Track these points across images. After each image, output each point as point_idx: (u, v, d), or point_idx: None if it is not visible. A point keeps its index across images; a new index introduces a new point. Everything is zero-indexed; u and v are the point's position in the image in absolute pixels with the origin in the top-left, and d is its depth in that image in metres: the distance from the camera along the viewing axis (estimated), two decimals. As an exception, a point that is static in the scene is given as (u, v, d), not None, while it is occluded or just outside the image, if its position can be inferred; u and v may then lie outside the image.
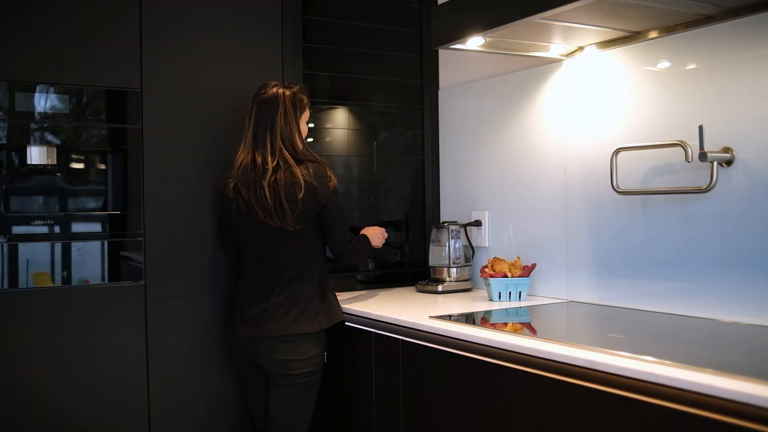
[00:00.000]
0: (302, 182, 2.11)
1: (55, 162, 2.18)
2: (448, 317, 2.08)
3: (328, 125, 2.94)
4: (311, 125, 2.87)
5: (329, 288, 2.27)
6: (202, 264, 2.39)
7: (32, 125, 2.17)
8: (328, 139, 3.00)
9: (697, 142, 1.85)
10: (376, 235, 2.49)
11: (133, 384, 2.27)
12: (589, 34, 2.13)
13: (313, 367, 2.19)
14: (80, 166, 2.25)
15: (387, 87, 3.02)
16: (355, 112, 3.15)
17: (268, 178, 2.11)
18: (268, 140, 2.15)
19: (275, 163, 2.13)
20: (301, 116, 2.23)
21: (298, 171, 2.12)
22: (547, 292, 2.44)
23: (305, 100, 2.26)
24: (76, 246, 2.23)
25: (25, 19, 2.12)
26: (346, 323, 2.31)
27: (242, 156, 2.17)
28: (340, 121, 3.05)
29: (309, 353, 2.17)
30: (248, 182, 2.14)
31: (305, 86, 2.35)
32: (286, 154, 2.14)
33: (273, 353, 2.17)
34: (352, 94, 2.89)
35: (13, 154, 2.14)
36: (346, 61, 2.85)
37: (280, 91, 2.19)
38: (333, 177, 2.19)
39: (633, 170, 2.12)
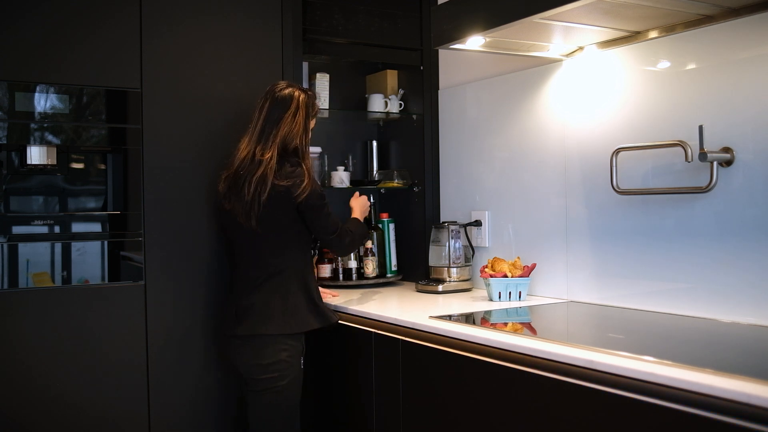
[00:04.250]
0: (268, 184, 2.10)
1: (55, 162, 2.19)
2: (448, 317, 2.08)
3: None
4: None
5: (305, 293, 2.21)
6: (202, 264, 2.39)
7: (32, 125, 2.17)
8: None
9: (697, 142, 1.85)
10: (362, 206, 2.53)
11: (133, 384, 2.27)
12: (589, 34, 2.13)
13: (276, 374, 2.14)
14: (80, 166, 2.25)
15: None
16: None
17: (258, 174, 2.11)
18: (271, 136, 2.17)
19: (269, 155, 2.14)
20: (311, 120, 2.26)
21: (271, 173, 2.11)
22: (547, 292, 2.44)
23: (317, 107, 2.29)
24: (76, 246, 2.23)
25: (25, 19, 2.12)
26: (347, 323, 2.31)
27: (245, 150, 2.18)
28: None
29: (272, 358, 2.14)
30: (243, 176, 2.14)
31: (315, 93, 2.37)
32: (279, 151, 2.15)
33: (242, 355, 2.18)
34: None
35: (13, 154, 2.14)
36: (345, 50, 2.85)
37: (297, 92, 2.22)
38: (309, 183, 2.15)
39: (633, 170, 2.12)
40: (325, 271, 2.90)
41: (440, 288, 2.65)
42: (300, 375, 2.22)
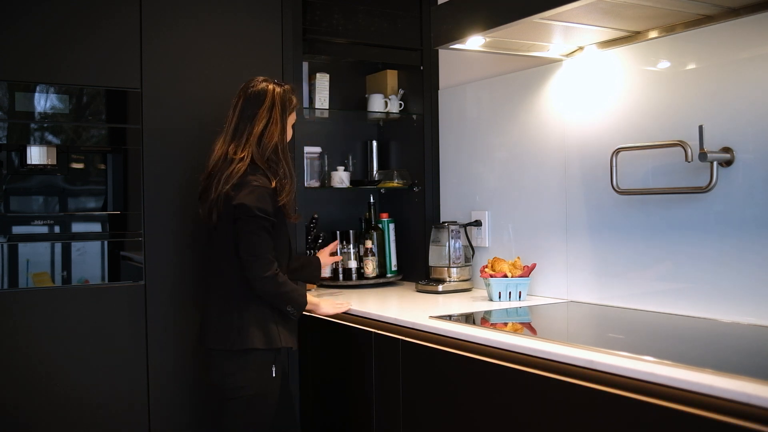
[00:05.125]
0: (231, 183, 2.01)
1: (55, 162, 2.19)
2: (448, 317, 2.08)
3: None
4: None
5: (257, 309, 2.06)
6: (202, 264, 2.39)
7: (32, 125, 2.17)
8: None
9: (697, 142, 1.85)
10: (331, 304, 2.32)
11: (133, 384, 2.27)
12: (589, 34, 2.13)
13: (243, 383, 2.04)
14: (80, 166, 2.25)
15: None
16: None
17: (227, 172, 2.02)
18: (246, 133, 2.07)
19: (243, 154, 2.04)
20: (288, 116, 2.15)
21: (237, 174, 2.02)
22: (547, 292, 2.44)
23: (295, 101, 2.18)
24: (76, 246, 2.23)
25: (25, 19, 2.12)
26: (347, 323, 2.30)
27: (219, 150, 2.11)
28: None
29: (235, 369, 2.04)
30: (214, 175, 2.07)
31: (296, 87, 2.29)
32: (254, 151, 2.06)
33: (209, 364, 2.14)
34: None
35: (13, 154, 2.14)
36: (345, 50, 2.85)
37: (270, 86, 2.11)
38: (260, 195, 2.00)
39: (633, 170, 2.12)
40: (325, 270, 2.90)
41: (440, 288, 2.65)
42: (271, 384, 2.08)
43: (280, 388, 2.16)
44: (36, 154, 2.16)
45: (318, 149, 2.96)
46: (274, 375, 2.08)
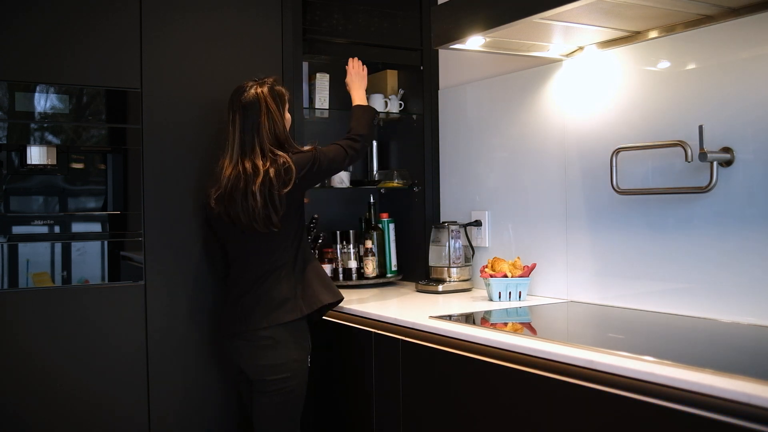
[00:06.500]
0: (277, 188, 2.05)
1: (55, 162, 2.19)
2: (448, 317, 2.08)
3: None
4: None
5: (311, 272, 2.20)
6: (202, 264, 2.39)
7: (32, 125, 2.17)
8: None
9: (697, 142, 1.85)
10: (359, 76, 2.57)
11: (134, 383, 2.27)
12: (589, 34, 2.13)
13: (289, 373, 2.12)
14: (80, 166, 2.25)
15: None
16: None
17: (259, 181, 2.03)
18: (257, 143, 2.09)
19: (267, 164, 2.06)
20: (284, 109, 2.18)
21: (288, 159, 2.08)
22: (547, 292, 2.44)
23: (284, 91, 2.20)
24: (76, 246, 2.23)
25: (25, 19, 2.12)
26: (347, 323, 2.31)
27: (229, 169, 2.09)
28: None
29: (284, 358, 2.11)
30: (237, 193, 2.06)
31: (278, 77, 2.30)
32: (276, 150, 2.10)
33: (250, 357, 2.14)
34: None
35: (13, 154, 2.15)
36: (346, 47, 2.85)
37: (259, 90, 2.13)
38: (291, 166, 2.08)
39: (633, 170, 2.12)
40: (326, 270, 2.90)
41: (440, 288, 2.65)
42: (307, 373, 2.20)
43: None
44: (36, 154, 2.16)
45: (318, 149, 2.96)
46: (309, 364, 2.21)
